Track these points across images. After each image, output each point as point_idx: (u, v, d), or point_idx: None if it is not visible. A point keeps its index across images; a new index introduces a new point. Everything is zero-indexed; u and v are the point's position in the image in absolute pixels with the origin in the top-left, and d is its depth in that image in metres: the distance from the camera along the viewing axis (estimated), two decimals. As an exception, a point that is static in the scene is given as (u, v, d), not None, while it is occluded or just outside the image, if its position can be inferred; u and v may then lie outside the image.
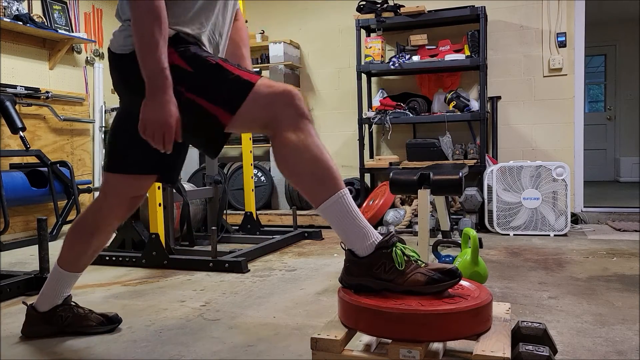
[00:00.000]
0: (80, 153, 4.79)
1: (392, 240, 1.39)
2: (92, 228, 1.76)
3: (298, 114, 1.41)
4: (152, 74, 1.38)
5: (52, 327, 1.83)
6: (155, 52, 1.37)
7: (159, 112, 1.38)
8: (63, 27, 4.62)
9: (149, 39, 1.38)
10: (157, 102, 1.38)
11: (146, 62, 1.39)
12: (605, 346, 1.65)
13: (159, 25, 1.38)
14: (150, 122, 1.39)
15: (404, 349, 1.23)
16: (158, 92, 1.38)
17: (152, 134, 1.40)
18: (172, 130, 1.40)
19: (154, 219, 2.98)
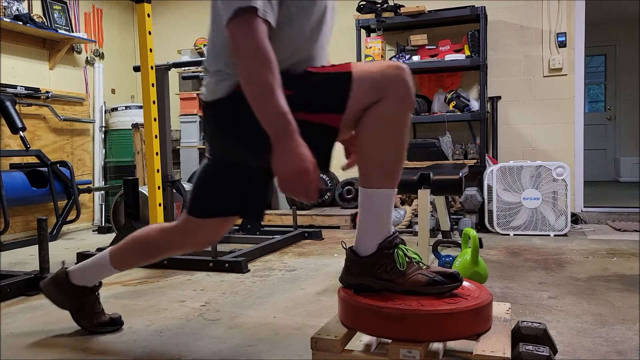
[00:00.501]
0: (80, 153, 4.79)
1: (395, 241, 1.39)
2: (155, 252, 1.75)
3: (407, 92, 1.32)
4: (274, 120, 1.25)
5: (70, 303, 1.83)
6: (271, 98, 1.24)
7: (292, 161, 1.24)
8: (63, 27, 4.62)
9: (262, 85, 1.24)
10: (286, 150, 1.24)
11: (264, 110, 1.25)
12: (605, 346, 1.65)
13: (270, 68, 1.25)
14: (287, 175, 1.25)
15: (404, 349, 1.23)
16: (285, 139, 1.24)
17: (292, 186, 1.26)
18: (312, 176, 1.25)
19: (154, 219, 2.98)
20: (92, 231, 4.55)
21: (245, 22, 1.25)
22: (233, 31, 1.27)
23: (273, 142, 1.26)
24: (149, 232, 1.75)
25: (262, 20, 1.27)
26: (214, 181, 1.59)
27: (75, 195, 4.12)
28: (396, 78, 1.32)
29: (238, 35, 1.26)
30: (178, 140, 5.12)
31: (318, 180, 1.29)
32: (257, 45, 1.25)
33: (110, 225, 4.09)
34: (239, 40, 1.26)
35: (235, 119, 1.40)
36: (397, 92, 1.32)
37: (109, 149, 4.94)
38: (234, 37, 1.27)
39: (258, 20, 1.26)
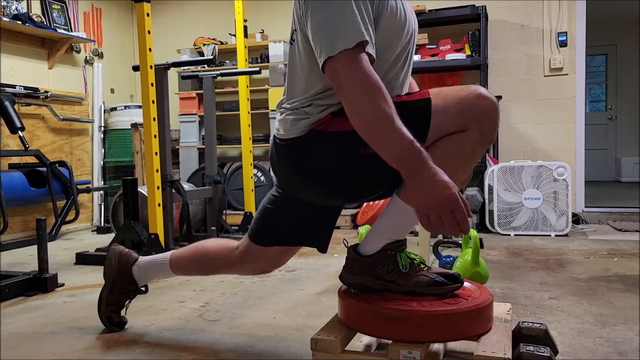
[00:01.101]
0: (79, 153, 4.78)
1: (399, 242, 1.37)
2: (211, 269, 1.74)
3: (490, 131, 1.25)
4: (403, 152, 1.14)
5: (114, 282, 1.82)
6: (393, 126, 1.14)
7: (432, 192, 1.13)
8: (62, 27, 4.62)
9: (380, 115, 1.14)
10: (424, 181, 1.14)
11: (389, 143, 1.15)
12: (606, 347, 1.64)
13: (384, 97, 1.16)
14: (429, 207, 1.14)
15: (405, 350, 1.22)
16: (419, 169, 1.14)
17: (439, 219, 1.14)
18: (459, 204, 1.13)
19: (154, 219, 2.97)
20: (91, 231, 4.55)
21: (347, 57, 1.18)
22: (334, 69, 1.19)
23: (406, 176, 1.16)
24: (210, 247, 1.73)
25: (365, 53, 1.20)
26: (281, 214, 1.55)
27: (74, 195, 4.11)
28: (485, 111, 1.24)
29: (341, 72, 1.18)
30: (177, 140, 5.12)
31: (467, 207, 1.15)
32: (365, 76, 1.17)
33: (110, 225, 4.08)
34: (345, 77, 1.17)
35: (312, 158, 1.33)
36: (482, 126, 1.25)
37: (108, 149, 4.93)
38: (336, 74, 1.18)
39: (360, 53, 1.19)
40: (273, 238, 1.58)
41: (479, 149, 1.28)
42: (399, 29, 1.33)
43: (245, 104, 3.87)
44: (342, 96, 1.20)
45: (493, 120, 1.26)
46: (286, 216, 1.55)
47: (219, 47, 5.16)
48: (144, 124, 3.00)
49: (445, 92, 1.28)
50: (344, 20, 1.20)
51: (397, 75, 1.37)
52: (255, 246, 1.60)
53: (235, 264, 1.67)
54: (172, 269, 1.79)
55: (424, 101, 1.27)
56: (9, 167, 3.99)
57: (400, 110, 1.22)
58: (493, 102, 1.26)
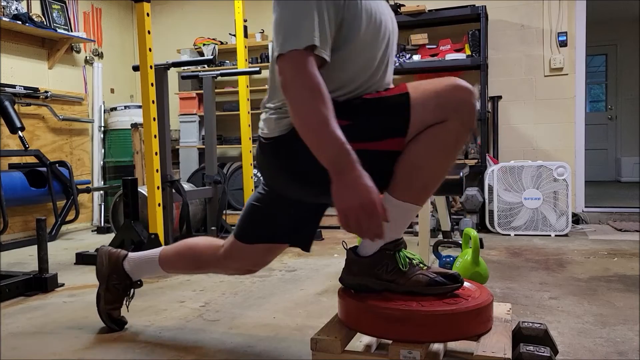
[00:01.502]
0: (79, 153, 4.78)
1: (397, 241, 1.38)
2: (199, 265, 1.74)
3: (469, 121, 1.27)
4: (331, 152, 1.18)
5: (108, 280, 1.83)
6: (327, 129, 1.18)
7: (355, 194, 1.16)
8: (62, 27, 4.62)
9: (315, 117, 1.18)
10: (347, 182, 1.17)
11: (320, 143, 1.19)
12: (606, 347, 1.64)
13: (322, 99, 1.19)
14: (349, 209, 1.17)
15: (405, 350, 1.22)
16: (345, 171, 1.17)
17: (357, 222, 1.18)
18: (377, 209, 1.17)
19: (154, 219, 2.97)
20: (91, 231, 4.54)
21: (295, 58, 1.21)
22: (282, 68, 1.22)
23: (332, 176, 1.19)
24: (198, 244, 1.74)
25: (313, 55, 1.22)
26: (266, 211, 1.56)
27: (74, 195, 4.11)
28: (463, 102, 1.26)
29: (287, 72, 1.21)
30: (177, 140, 5.12)
31: (385, 214, 1.19)
32: (307, 76, 1.19)
33: (110, 225, 4.08)
34: (288, 75, 1.21)
35: (296, 156, 1.34)
36: (461, 117, 1.26)
37: (108, 149, 4.93)
38: (284, 73, 1.22)
39: (308, 55, 1.21)
40: (257, 236, 1.58)
41: (461, 138, 1.30)
42: (374, 29, 1.34)
43: (245, 104, 3.87)
44: (285, 95, 1.23)
45: (471, 110, 1.27)
46: (271, 214, 1.56)
47: (219, 47, 5.16)
48: (144, 124, 3.00)
49: (424, 85, 1.30)
50: (301, 21, 1.22)
51: (375, 74, 1.38)
52: (240, 244, 1.61)
53: (220, 261, 1.67)
54: (161, 265, 1.79)
55: (402, 96, 1.29)
56: (9, 167, 3.99)
57: (380, 106, 1.25)
58: (470, 91, 1.27)
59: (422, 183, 1.31)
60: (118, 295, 1.86)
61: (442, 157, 1.30)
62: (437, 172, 1.32)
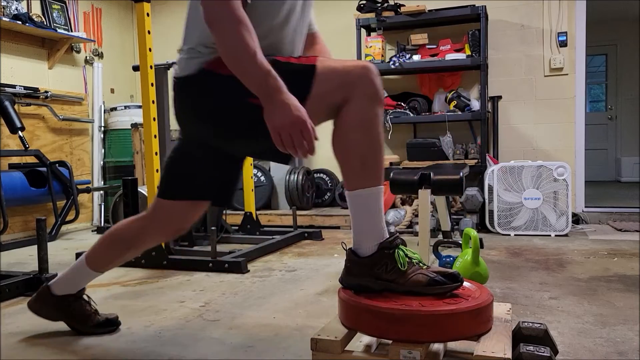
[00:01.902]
0: (80, 153, 4.78)
1: (395, 241, 1.38)
2: (130, 244, 1.74)
3: (374, 92, 1.34)
4: (260, 79, 1.26)
5: (58, 314, 1.83)
6: (254, 58, 1.26)
7: (284, 113, 1.25)
8: (62, 27, 4.62)
9: (243, 47, 1.26)
10: (277, 104, 1.26)
11: (249, 71, 1.27)
12: (606, 347, 1.64)
13: (247, 29, 1.27)
14: (282, 127, 1.25)
15: (405, 350, 1.22)
16: (274, 95, 1.26)
17: (289, 138, 1.26)
18: (307, 125, 1.25)
19: (154, 219, 2.97)
20: (91, 231, 4.54)
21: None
22: (207, 6, 1.28)
23: (263, 100, 1.28)
24: (119, 226, 1.76)
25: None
26: (183, 162, 1.63)
27: (75, 195, 4.11)
28: (363, 77, 1.33)
29: (212, 8, 1.27)
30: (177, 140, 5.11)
31: (314, 130, 1.28)
32: (232, 10, 1.27)
33: (110, 225, 4.08)
34: (213, 10, 1.27)
35: (204, 96, 1.43)
36: (365, 91, 1.33)
37: (108, 149, 4.93)
38: (208, 9, 1.28)
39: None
40: (176, 191, 1.63)
41: (374, 112, 1.35)
42: None
43: (245, 104, 3.87)
44: (212, 29, 1.29)
45: (372, 82, 1.34)
46: (187, 166, 1.61)
47: (219, 47, 5.15)
48: (144, 124, 3.00)
49: (331, 63, 1.37)
50: None
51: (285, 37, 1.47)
52: (162, 201, 1.65)
53: (146, 227, 1.70)
54: (93, 268, 1.79)
55: (309, 67, 1.36)
56: (9, 167, 3.99)
57: (285, 71, 1.32)
58: (368, 67, 1.34)
59: (362, 165, 1.35)
60: (79, 312, 1.84)
61: (363, 134, 1.34)
62: (369, 149, 1.36)
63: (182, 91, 1.48)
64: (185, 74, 1.45)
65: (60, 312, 1.84)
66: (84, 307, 1.85)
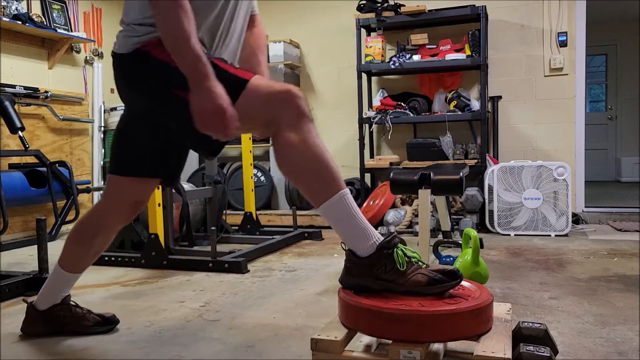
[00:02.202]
0: (80, 153, 4.78)
1: (393, 240, 1.38)
2: (94, 230, 1.76)
3: (298, 113, 1.39)
4: (191, 64, 1.34)
5: (51, 326, 1.84)
6: (188, 43, 1.34)
7: (208, 99, 1.34)
8: (62, 27, 4.62)
9: (180, 31, 1.34)
10: (203, 90, 1.34)
11: (182, 54, 1.35)
12: (606, 347, 1.64)
13: (186, 15, 1.35)
14: (204, 112, 1.35)
15: (405, 350, 1.22)
16: (202, 81, 1.34)
17: (210, 122, 1.36)
18: (227, 112, 1.35)
19: (153, 219, 2.97)
20: (91, 231, 4.54)
21: None
22: None
23: (191, 83, 1.35)
24: (80, 220, 1.80)
25: None
26: (128, 137, 1.69)
27: (75, 195, 4.11)
28: (285, 103, 1.39)
29: None
30: (178, 140, 5.11)
31: (236, 118, 1.36)
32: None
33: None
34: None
35: (136, 76, 1.51)
36: (289, 118, 1.38)
37: (108, 149, 4.93)
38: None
39: None
40: (124, 166, 1.68)
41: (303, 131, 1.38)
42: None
43: (245, 104, 3.87)
44: (153, 9, 1.37)
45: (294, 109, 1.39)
46: (131, 141, 1.68)
47: (219, 47, 5.15)
48: (144, 124, 2.99)
49: (264, 83, 1.44)
50: None
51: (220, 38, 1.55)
52: (116, 178, 1.69)
53: (107, 209, 1.73)
54: (66, 268, 1.80)
55: (241, 80, 1.43)
56: (9, 167, 3.99)
57: (219, 75, 1.38)
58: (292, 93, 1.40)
59: (315, 180, 1.38)
60: (71, 316, 1.85)
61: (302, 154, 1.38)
62: (314, 164, 1.38)
63: (120, 68, 1.56)
64: (122, 52, 1.53)
65: (53, 324, 1.84)
66: (73, 311, 1.86)
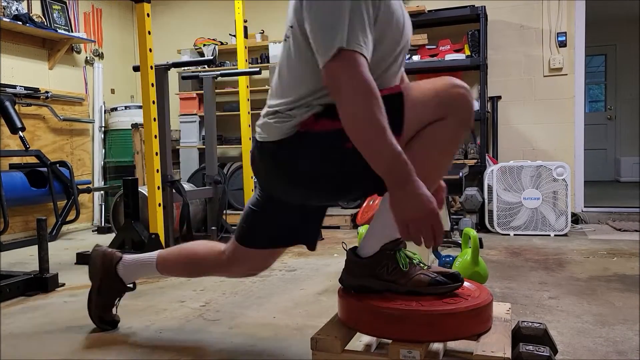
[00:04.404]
0: (80, 153, 4.79)
1: (396, 241, 1.38)
2: (200, 271, 1.77)
3: (468, 118, 1.29)
4: (389, 161, 1.17)
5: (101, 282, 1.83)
6: (386, 139, 1.16)
7: (416, 204, 1.18)
8: (62, 27, 4.62)
9: (374, 124, 1.16)
10: (408, 193, 1.18)
11: (380, 153, 1.17)
12: (606, 346, 1.64)
13: (379, 106, 1.17)
14: (413, 220, 1.19)
15: (404, 349, 1.23)
16: (404, 182, 1.18)
17: (419, 231, 1.19)
18: (439, 219, 1.19)
19: (154, 219, 2.97)
20: (91, 231, 4.55)
21: (348, 60, 1.17)
22: (334, 70, 1.18)
23: (391, 186, 1.20)
24: (198, 251, 1.74)
25: (363, 56, 1.19)
26: (264, 216, 1.55)
27: (75, 196, 4.11)
28: (461, 100, 1.28)
29: (340, 74, 1.17)
30: (178, 140, 5.12)
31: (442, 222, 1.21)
32: (363, 79, 1.17)
33: (110, 225, 4.09)
34: (343, 80, 1.17)
35: (297, 158, 1.33)
36: (459, 114, 1.28)
37: (109, 149, 4.93)
38: (336, 76, 1.18)
39: (360, 57, 1.18)
40: (259, 240, 1.58)
41: (457, 135, 1.32)
42: (397, 31, 1.33)
43: (245, 104, 3.88)
44: (338, 99, 1.19)
45: (468, 107, 1.30)
46: (269, 219, 1.55)
47: (219, 48, 5.16)
48: (144, 124, 3.00)
49: (422, 85, 1.33)
50: (346, 21, 1.19)
51: (391, 75, 1.38)
52: (243, 248, 1.60)
53: (223, 265, 1.67)
54: (160, 269, 1.79)
55: (396, 96, 1.28)
56: (9, 167, 4.00)
57: None
58: (467, 90, 1.31)
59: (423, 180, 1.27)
60: (109, 298, 1.86)
61: (438, 154, 1.32)
62: (434, 169, 1.33)
63: (273, 156, 1.37)
64: (277, 138, 1.34)
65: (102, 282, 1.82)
66: (115, 298, 1.86)
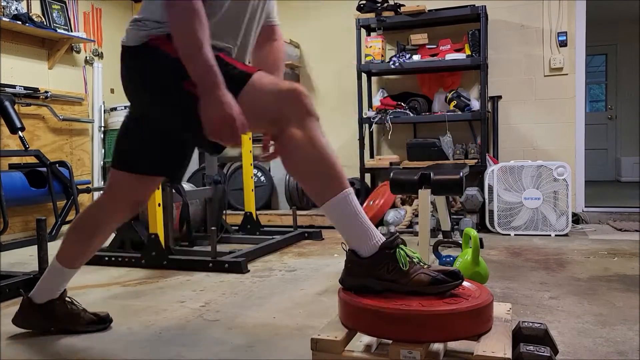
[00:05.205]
0: (80, 153, 4.78)
1: (396, 241, 1.37)
2: (93, 228, 1.77)
3: (305, 111, 1.39)
4: (203, 72, 1.35)
5: (45, 321, 1.83)
6: (201, 51, 1.34)
7: (219, 108, 1.35)
8: (62, 27, 4.62)
9: (193, 38, 1.35)
10: (213, 98, 1.35)
11: (195, 62, 1.36)
12: (607, 346, 1.64)
13: (200, 23, 1.35)
14: (214, 121, 1.36)
15: (405, 350, 1.22)
16: (212, 89, 1.35)
17: (219, 131, 1.37)
18: (237, 122, 1.36)
19: (154, 219, 2.97)
20: (91, 231, 4.54)
21: None
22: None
23: (201, 92, 1.36)
24: (79, 216, 1.80)
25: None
26: (132, 133, 1.69)
27: (75, 196, 4.11)
28: (291, 101, 1.39)
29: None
30: (178, 140, 5.11)
31: (245, 126, 1.38)
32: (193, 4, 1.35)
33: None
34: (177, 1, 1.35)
35: (141, 69, 1.50)
36: (295, 116, 1.38)
37: (108, 149, 4.93)
38: None
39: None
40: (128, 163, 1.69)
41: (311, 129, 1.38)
42: None
43: (245, 104, 3.87)
44: (168, 13, 1.38)
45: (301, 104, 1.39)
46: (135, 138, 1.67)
47: (218, 47, 5.15)
48: (144, 124, 2.99)
49: (271, 78, 1.46)
50: None
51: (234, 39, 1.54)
52: (116, 172, 1.69)
53: (103, 202, 1.74)
54: (67, 265, 1.79)
55: (245, 74, 1.44)
56: (9, 167, 3.99)
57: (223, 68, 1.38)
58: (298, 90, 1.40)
59: (320, 178, 1.38)
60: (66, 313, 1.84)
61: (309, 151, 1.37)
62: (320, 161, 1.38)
63: (126, 61, 1.55)
64: (131, 44, 1.52)
65: (47, 320, 1.83)
66: (69, 308, 1.85)
